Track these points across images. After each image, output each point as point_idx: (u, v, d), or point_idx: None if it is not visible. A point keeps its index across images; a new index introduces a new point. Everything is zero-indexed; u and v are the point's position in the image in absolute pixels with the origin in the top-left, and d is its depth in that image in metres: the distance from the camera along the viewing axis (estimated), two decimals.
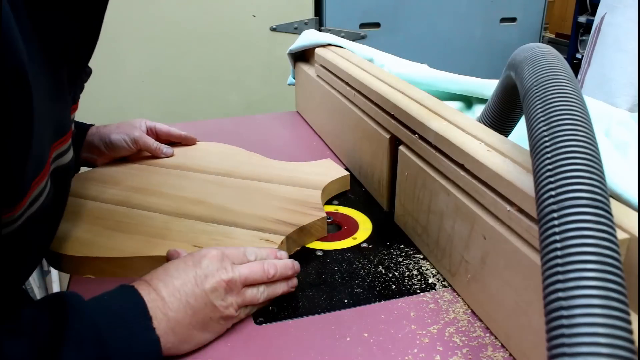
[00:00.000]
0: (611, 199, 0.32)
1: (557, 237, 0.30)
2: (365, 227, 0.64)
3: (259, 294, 0.48)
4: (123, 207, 0.65)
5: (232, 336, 0.46)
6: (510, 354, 0.44)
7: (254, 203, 0.65)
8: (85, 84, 0.66)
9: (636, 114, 0.75)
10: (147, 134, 0.80)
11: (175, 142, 0.83)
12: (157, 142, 0.79)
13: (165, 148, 0.79)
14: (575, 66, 2.37)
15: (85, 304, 0.41)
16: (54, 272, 1.47)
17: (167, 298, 0.43)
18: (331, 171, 0.73)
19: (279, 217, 0.61)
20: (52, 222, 0.53)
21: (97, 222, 0.62)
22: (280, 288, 0.50)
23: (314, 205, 0.64)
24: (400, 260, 0.57)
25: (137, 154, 0.79)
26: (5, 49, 0.33)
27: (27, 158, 0.38)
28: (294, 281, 0.52)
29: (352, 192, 0.73)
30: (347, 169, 0.79)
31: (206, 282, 0.45)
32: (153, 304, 0.42)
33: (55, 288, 1.44)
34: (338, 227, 0.64)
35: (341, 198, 0.71)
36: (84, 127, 0.76)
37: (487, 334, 0.46)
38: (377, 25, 1.78)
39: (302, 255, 0.59)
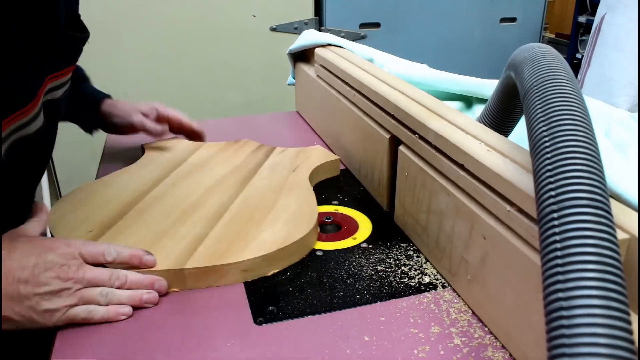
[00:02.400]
0: (611, 199, 0.32)
1: (557, 238, 0.30)
2: (365, 227, 0.64)
3: (100, 295, 0.47)
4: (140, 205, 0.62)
5: (232, 336, 0.46)
6: (511, 354, 0.44)
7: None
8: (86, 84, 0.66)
9: (636, 114, 0.75)
10: (158, 119, 0.81)
11: (186, 132, 0.84)
12: (153, 124, 0.79)
13: (160, 127, 0.80)
14: (575, 66, 2.37)
15: None
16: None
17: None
18: (250, 144, 0.82)
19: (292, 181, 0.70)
20: (44, 150, 0.54)
21: (151, 226, 0.57)
22: (126, 296, 0.48)
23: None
24: (400, 260, 0.57)
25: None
26: None
27: None
28: (152, 295, 0.49)
29: (352, 192, 0.73)
30: (346, 169, 0.80)
31: (41, 275, 0.44)
32: None
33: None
34: (338, 227, 0.64)
35: (341, 198, 0.71)
36: (98, 100, 0.79)
37: (488, 335, 0.46)
38: (377, 25, 1.78)
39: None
